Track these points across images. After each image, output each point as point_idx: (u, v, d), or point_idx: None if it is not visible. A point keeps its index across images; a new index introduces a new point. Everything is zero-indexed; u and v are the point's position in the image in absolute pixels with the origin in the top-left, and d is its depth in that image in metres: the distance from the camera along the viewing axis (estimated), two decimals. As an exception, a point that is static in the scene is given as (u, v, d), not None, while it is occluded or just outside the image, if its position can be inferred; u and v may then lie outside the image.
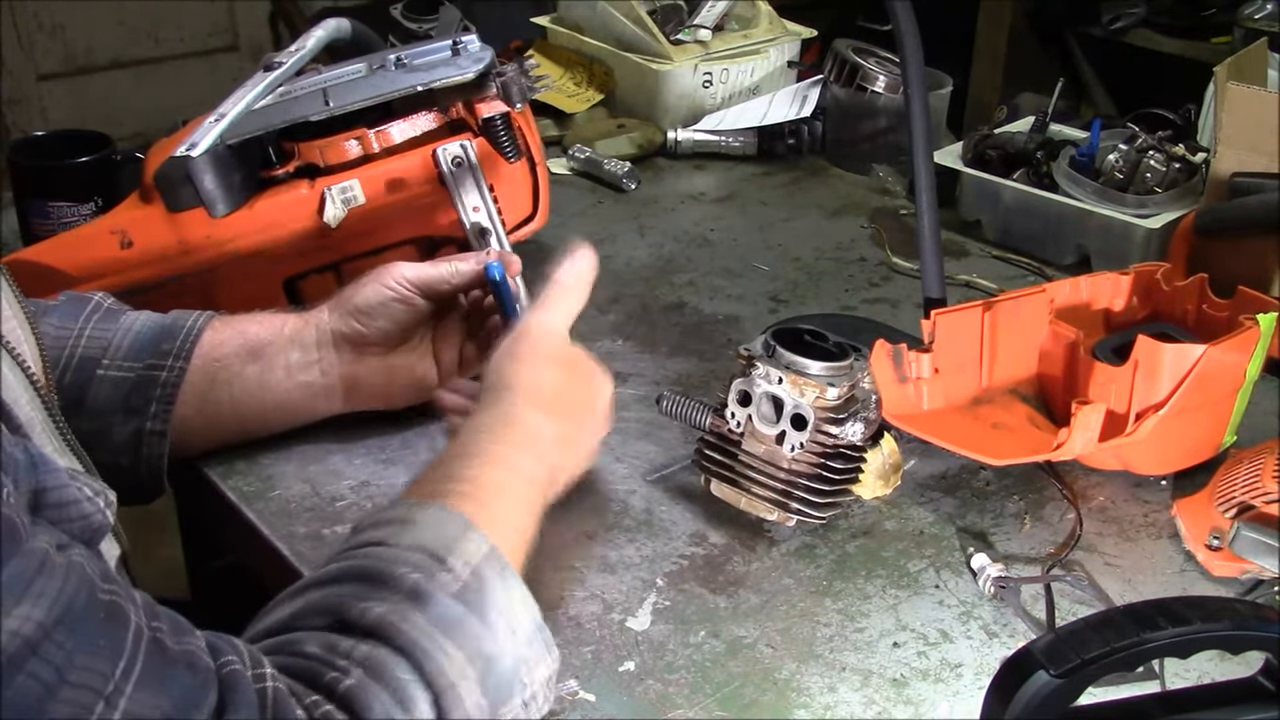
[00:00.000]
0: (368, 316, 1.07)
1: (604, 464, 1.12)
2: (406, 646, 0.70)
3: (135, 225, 1.22)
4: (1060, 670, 0.68)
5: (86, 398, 1.02)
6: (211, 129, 1.19)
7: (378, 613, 0.71)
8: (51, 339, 1.02)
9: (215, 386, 1.06)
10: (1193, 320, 1.16)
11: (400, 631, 0.70)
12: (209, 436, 1.08)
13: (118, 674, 0.60)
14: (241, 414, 1.08)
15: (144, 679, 0.61)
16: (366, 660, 0.69)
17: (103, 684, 0.59)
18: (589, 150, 1.72)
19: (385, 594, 0.72)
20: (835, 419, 1.01)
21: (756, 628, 0.95)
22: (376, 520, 0.79)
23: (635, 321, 1.37)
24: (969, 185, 1.57)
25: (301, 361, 1.08)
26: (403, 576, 0.73)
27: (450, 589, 0.74)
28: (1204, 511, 1.03)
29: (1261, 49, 1.56)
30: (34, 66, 3.57)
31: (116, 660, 0.60)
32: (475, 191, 1.22)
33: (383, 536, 0.77)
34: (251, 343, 1.07)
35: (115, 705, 0.59)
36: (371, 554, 0.76)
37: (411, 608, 0.72)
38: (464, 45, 1.25)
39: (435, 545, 0.76)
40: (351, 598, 0.72)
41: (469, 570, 0.75)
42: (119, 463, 1.02)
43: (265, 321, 1.09)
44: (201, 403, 1.05)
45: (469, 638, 0.73)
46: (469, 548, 0.77)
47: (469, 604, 0.74)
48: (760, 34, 1.87)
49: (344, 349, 1.09)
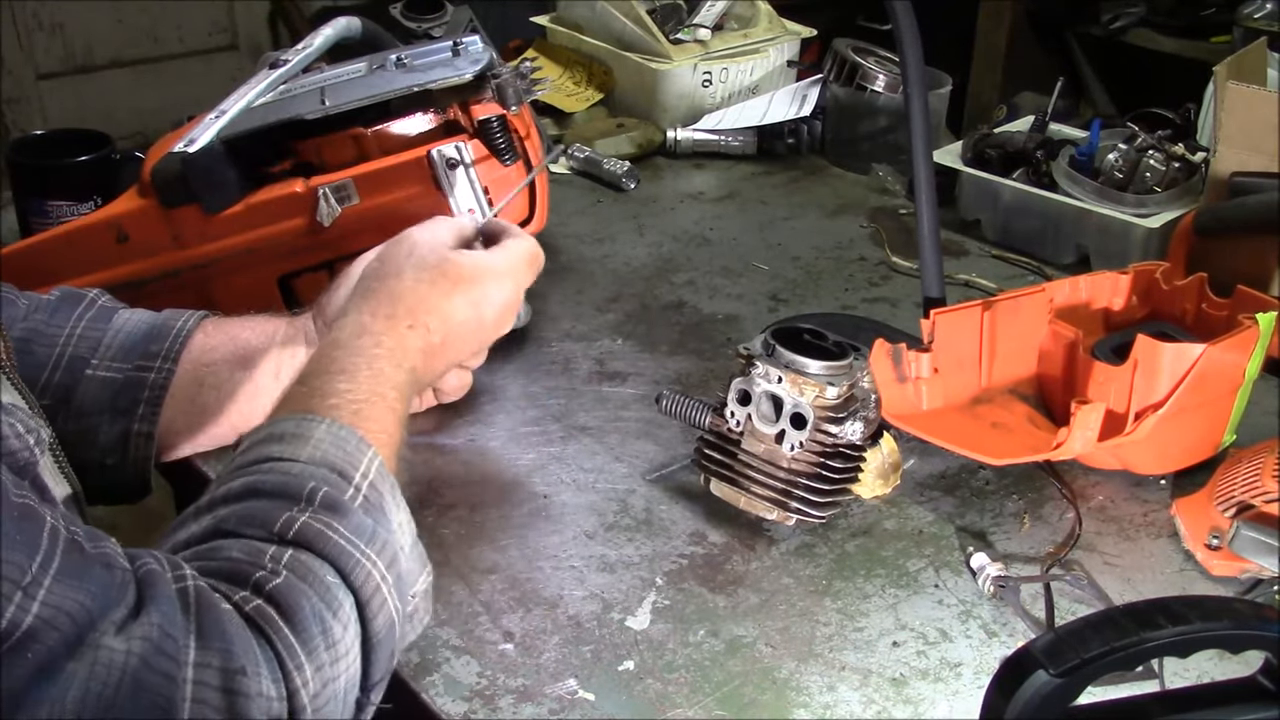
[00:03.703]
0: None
1: (604, 463, 1.12)
2: (331, 553, 0.72)
3: (131, 220, 1.22)
4: (1060, 669, 0.68)
5: (74, 397, 1.01)
6: (210, 125, 1.19)
7: (301, 521, 0.72)
8: (44, 338, 1.01)
9: (203, 391, 1.06)
10: (1192, 320, 1.16)
11: (326, 539, 0.72)
12: (197, 439, 1.08)
13: (34, 567, 0.61)
14: (229, 420, 1.08)
15: (62, 573, 0.62)
16: (293, 564, 0.70)
17: (19, 575, 0.60)
18: (588, 149, 1.72)
19: (303, 505, 0.74)
20: (835, 418, 1.01)
21: (756, 627, 0.95)
22: (268, 435, 0.80)
23: (635, 321, 1.37)
24: (968, 185, 1.57)
25: (290, 369, 1.08)
26: (316, 489, 0.75)
27: (357, 501, 0.76)
28: (1203, 511, 1.03)
29: (1261, 48, 1.56)
30: (33, 66, 3.57)
31: (33, 554, 0.61)
32: (470, 193, 1.22)
33: (281, 451, 0.78)
34: (241, 349, 1.07)
35: (33, 596, 0.60)
36: (277, 469, 0.76)
37: (331, 517, 0.74)
38: (464, 46, 1.25)
39: (336, 460, 0.78)
40: (272, 509, 0.73)
41: (367, 484, 0.78)
42: (106, 462, 1.01)
43: (257, 327, 1.09)
44: (189, 405, 1.05)
45: (384, 548, 0.75)
46: (364, 462, 0.79)
47: (374, 517, 0.76)
48: (760, 33, 1.87)
49: None
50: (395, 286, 0.96)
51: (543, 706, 0.87)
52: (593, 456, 1.13)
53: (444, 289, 0.97)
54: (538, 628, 0.94)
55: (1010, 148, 1.59)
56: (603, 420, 1.19)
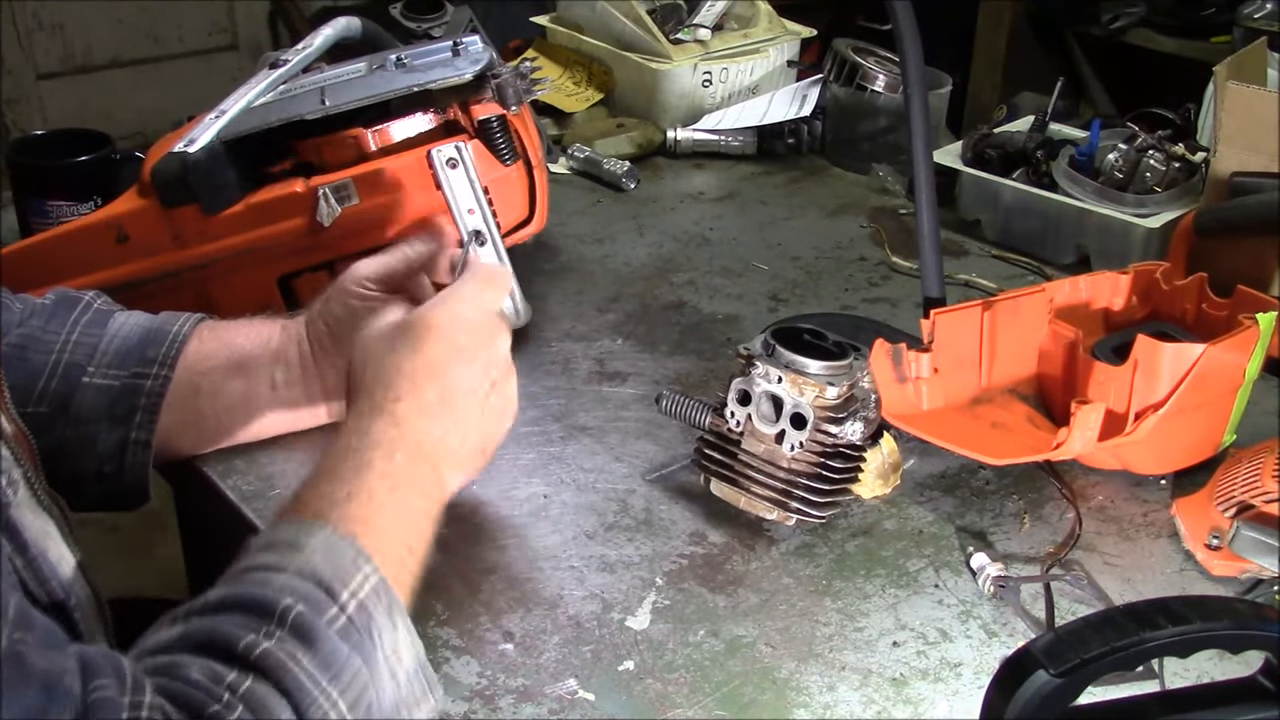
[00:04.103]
0: (341, 326, 1.06)
1: (604, 463, 1.12)
2: (291, 688, 0.68)
3: (131, 220, 1.22)
4: (1060, 670, 0.68)
5: (72, 405, 1.00)
6: (210, 125, 1.20)
7: (264, 648, 0.68)
8: (40, 344, 1.01)
9: (199, 398, 1.05)
10: (1192, 320, 1.16)
11: (286, 671, 0.68)
12: (196, 443, 1.08)
13: None
14: (225, 427, 1.07)
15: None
16: (249, 697, 0.66)
17: None
18: (588, 149, 1.72)
19: (273, 627, 0.70)
20: (835, 418, 1.01)
21: (756, 627, 0.95)
22: (267, 543, 0.76)
23: (635, 321, 1.37)
24: (968, 185, 1.57)
25: (285, 379, 1.08)
26: (289, 608, 0.71)
27: (336, 624, 0.72)
28: (1203, 511, 1.03)
29: (1261, 48, 1.56)
30: (33, 66, 3.57)
31: None
32: (470, 193, 1.21)
33: (273, 561, 0.74)
34: (236, 356, 1.06)
35: None
36: (260, 580, 0.73)
37: (298, 646, 0.69)
38: (464, 46, 1.25)
39: (324, 574, 0.73)
40: (239, 628, 0.69)
41: (355, 604, 0.73)
42: (103, 470, 1.01)
43: (251, 333, 1.08)
44: (185, 413, 1.05)
45: (353, 682, 0.71)
46: (357, 579, 0.74)
47: (354, 644, 0.72)
48: (760, 33, 1.87)
49: (325, 364, 1.08)
50: (364, 378, 0.90)
51: (543, 706, 0.87)
52: (593, 456, 1.13)
53: (410, 344, 0.90)
54: (538, 628, 0.94)
55: (1010, 148, 1.59)
56: (603, 420, 1.19)
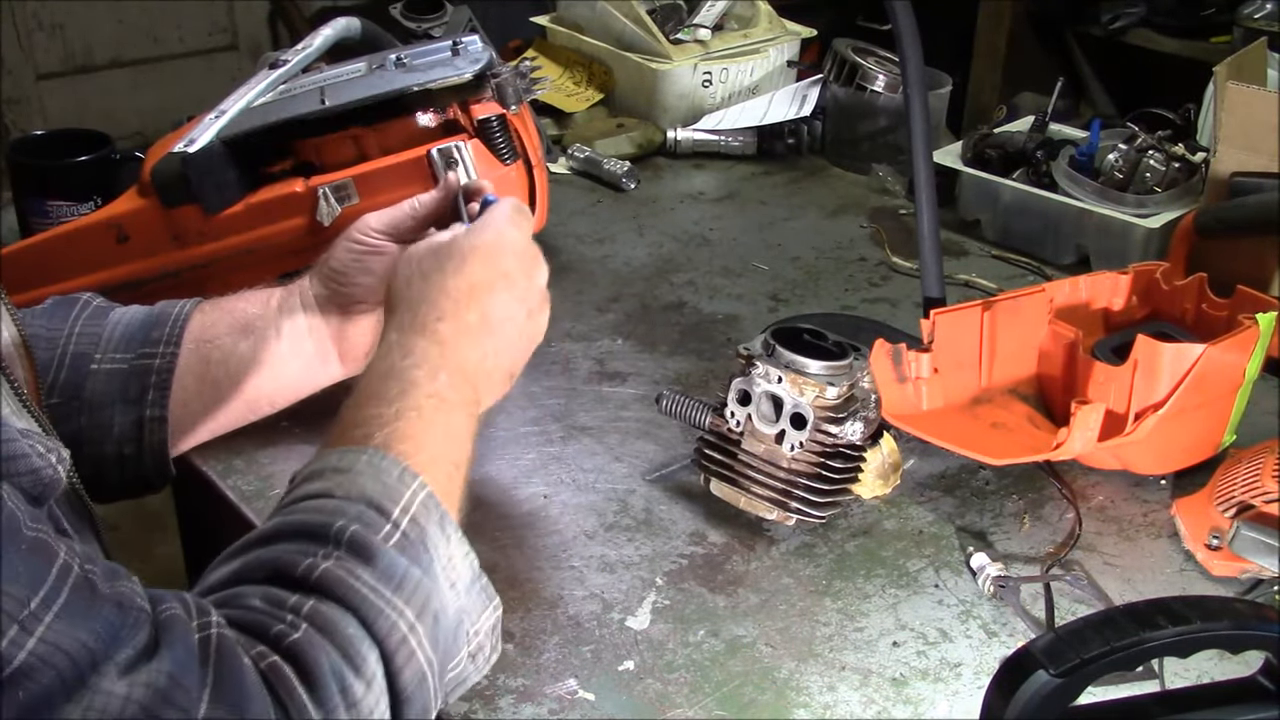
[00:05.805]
0: (345, 276, 1.06)
1: (604, 463, 1.12)
2: (354, 602, 0.69)
3: (131, 220, 1.22)
4: (1060, 669, 0.68)
5: (83, 393, 1.02)
6: (210, 125, 1.20)
7: (324, 568, 0.69)
8: (43, 341, 1.02)
9: (210, 367, 1.06)
10: (1192, 320, 1.16)
11: (348, 587, 0.69)
12: (215, 418, 1.08)
13: (35, 602, 0.59)
14: (242, 392, 1.07)
15: (66, 611, 0.60)
16: (313, 615, 0.68)
17: (17, 609, 0.59)
18: (588, 149, 1.72)
19: (329, 548, 0.70)
20: (835, 418, 1.01)
21: (756, 627, 0.95)
22: (312, 471, 0.78)
23: (635, 321, 1.37)
24: (968, 185, 1.57)
25: (293, 331, 1.08)
26: (344, 529, 0.71)
27: (392, 539, 0.73)
28: (1203, 511, 1.03)
29: (1261, 49, 1.56)
30: (33, 66, 3.57)
31: (36, 589, 0.60)
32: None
33: (321, 488, 0.75)
34: (240, 319, 1.07)
35: (30, 631, 0.59)
36: (311, 507, 0.74)
37: (357, 562, 0.70)
38: (464, 46, 1.25)
39: (374, 494, 0.74)
40: (296, 553, 0.70)
41: (407, 519, 0.74)
42: (123, 453, 1.02)
43: (252, 298, 1.09)
44: (200, 385, 1.05)
45: (415, 592, 0.71)
46: (407, 495, 0.75)
47: (411, 556, 0.73)
48: (760, 33, 1.87)
49: (331, 311, 1.08)
50: (408, 294, 0.91)
51: (543, 706, 0.87)
52: (593, 456, 1.14)
53: (455, 265, 0.91)
54: (538, 628, 0.94)
55: (1010, 148, 1.59)
56: (603, 420, 1.19)
